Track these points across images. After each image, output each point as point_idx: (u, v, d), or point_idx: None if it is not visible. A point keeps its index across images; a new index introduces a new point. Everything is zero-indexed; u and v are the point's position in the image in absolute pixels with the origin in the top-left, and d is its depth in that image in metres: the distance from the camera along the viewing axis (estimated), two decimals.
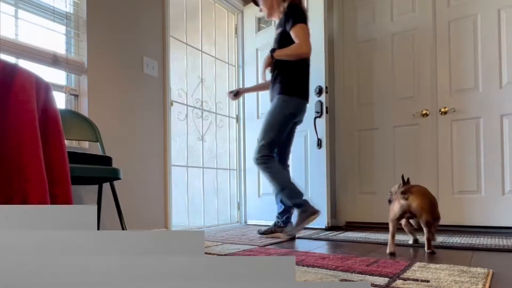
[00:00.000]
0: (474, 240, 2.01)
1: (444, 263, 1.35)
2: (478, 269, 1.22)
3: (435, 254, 1.59)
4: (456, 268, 1.25)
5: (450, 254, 1.61)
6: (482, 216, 2.52)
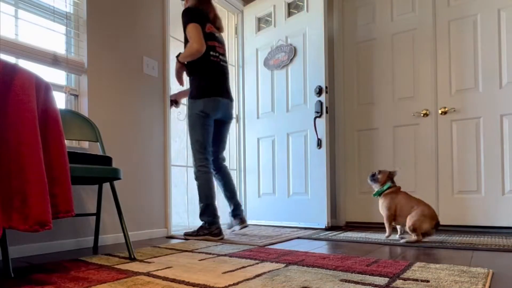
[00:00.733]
0: (474, 240, 2.01)
1: (444, 263, 1.35)
2: (478, 269, 1.22)
3: (435, 254, 1.59)
4: (456, 268, 1.25)
5: (450, 254, 1.61)
6: (482, 216, 2.52)
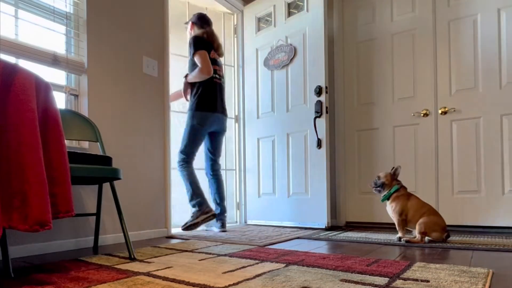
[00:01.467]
0: (474, 240, 2.01)
1: (444, 263, 1.35)
2: (478, 269, 1.22)
3: (435, 254, 1.59)
4: (456, 268, 1.25)
5: (450, 254, 1.61)
6: (482, 216, 2.52)
